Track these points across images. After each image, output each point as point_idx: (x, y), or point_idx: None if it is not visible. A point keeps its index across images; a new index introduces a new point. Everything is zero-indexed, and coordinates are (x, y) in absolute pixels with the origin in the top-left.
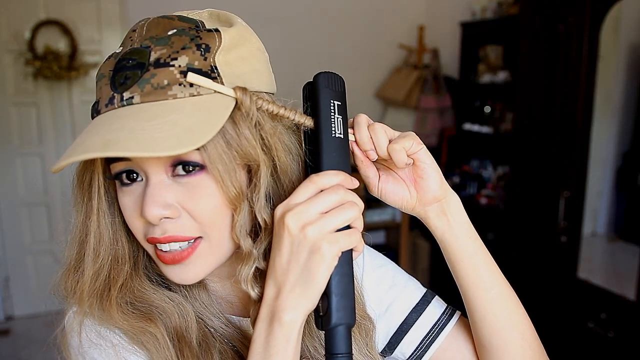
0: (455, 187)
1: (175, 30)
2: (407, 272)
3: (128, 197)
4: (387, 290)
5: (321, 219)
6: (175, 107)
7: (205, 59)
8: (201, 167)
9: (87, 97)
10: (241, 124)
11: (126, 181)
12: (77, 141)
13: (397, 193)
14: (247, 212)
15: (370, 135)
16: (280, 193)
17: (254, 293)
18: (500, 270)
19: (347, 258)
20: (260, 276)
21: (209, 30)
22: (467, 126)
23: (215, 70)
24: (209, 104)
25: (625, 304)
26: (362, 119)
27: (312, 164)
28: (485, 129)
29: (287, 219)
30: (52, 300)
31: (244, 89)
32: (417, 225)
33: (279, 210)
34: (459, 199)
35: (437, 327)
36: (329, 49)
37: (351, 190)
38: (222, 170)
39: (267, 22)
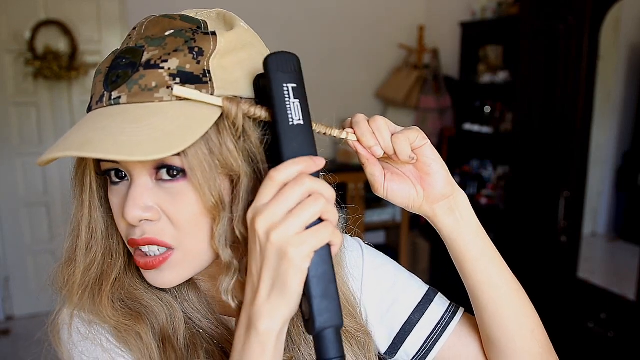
0: None
1: (172, 31)
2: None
3: (115, 196)
4: (389, 290)
5: (284, 221)
6: (160, 110)
7: (199, 62)
8: (184, 172)
9: (87, 97)
10: (224, 133)
11: (115, 179)
12: (65, 135)
13: (403, 192)
14: (228, 222)
15: (372, 130)
16: None
17: (234, 304)
18: (508, 267)
19: (323, 256)
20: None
21: (206, 33)
22: (467, 126)
23: (207, 75)
24: (195, 110)
25: (625, 304)
26: (360, 117)
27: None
28: (485, 129)
29: (255, 224)
30: (52, 300)
31: (231, 99)
32: (417, 225)
33: (249, 214)
34: (466, 196)
35: (440, 326)
36: (328, 49)
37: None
38: (201, 178)
39: (266, 22)
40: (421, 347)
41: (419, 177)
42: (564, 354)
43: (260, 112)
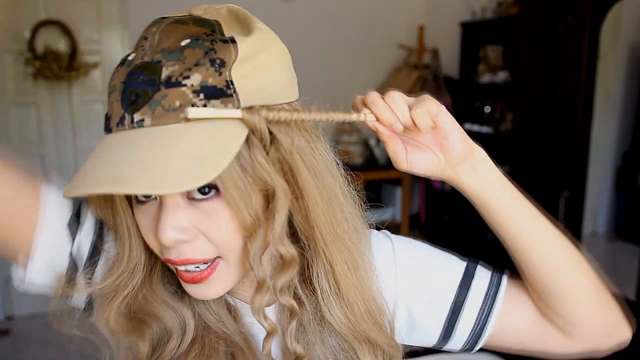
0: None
1: (188, 41)
2: None
3: (143, 215)
4: (428, 276)
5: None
6: (188, 132)
7: (220, 74)
8: (217, 189)
9: (87, 97)
10: (254, 148)
11: (142, 198)
12: (89, 165)
13: (426, 161)
14: (263, 239)
15: (390, 106)
16: (304, 216)
17: (266, 324)
18: (540, 212)
19: None
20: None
21: (225, 41)
22: (467, 126)
23: (230, 86)
24: (224, 128)
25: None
26: (375, 95)
27: None
28: (485, 129)
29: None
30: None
31: (250, 109)
32: (417, 225)
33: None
34: (484, 152)
35: (489, 297)
36: (328, 49)
37: None
38: (237, 196)
39: (266, 22)
40: (475, 323)
41: (437, 144)
42: None
43: (284, 115)
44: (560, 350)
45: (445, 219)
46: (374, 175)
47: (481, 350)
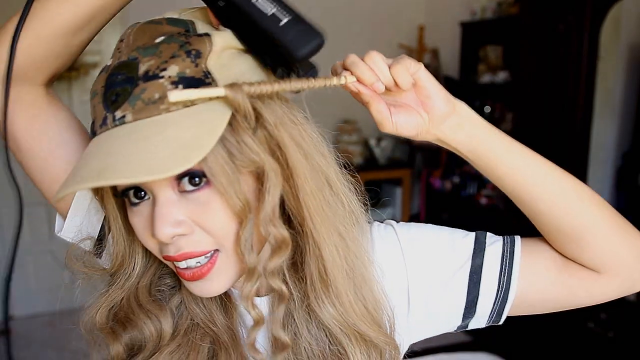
0: (456, 187)
1: (163, 37)
2: None
3: (137, 217)
4: (438, 256)
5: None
6: (170, 121)
7: (197, 65)
8: (207, 179)
9: (87, 97)
10: (239, 130)
11: (134, 200)
12: (76, 166)
13: (411, 121)
14: (255, 223)
15: (370, 66)
16: (294, 196)
17: (253, 313)
18: (540, 156)
19: None
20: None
21: (199, 35)
22: None
23: (209, 76)
24: (205, 114)
25: (625, 304)
26: (354, 56)
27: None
28: None
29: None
30: (51, 300)
31: (232, 85)
32: None
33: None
34: (467, 106)
35: (506, 257)
36: (328, 49)
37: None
38: (225, 182)
39: None
40: (498, 288)
41: (419, 103)
42: (564, 354)
43: (266, 88)
44: (594, 294)
45: (445, 219)
46: (374, 175)
47: (481, 350)
